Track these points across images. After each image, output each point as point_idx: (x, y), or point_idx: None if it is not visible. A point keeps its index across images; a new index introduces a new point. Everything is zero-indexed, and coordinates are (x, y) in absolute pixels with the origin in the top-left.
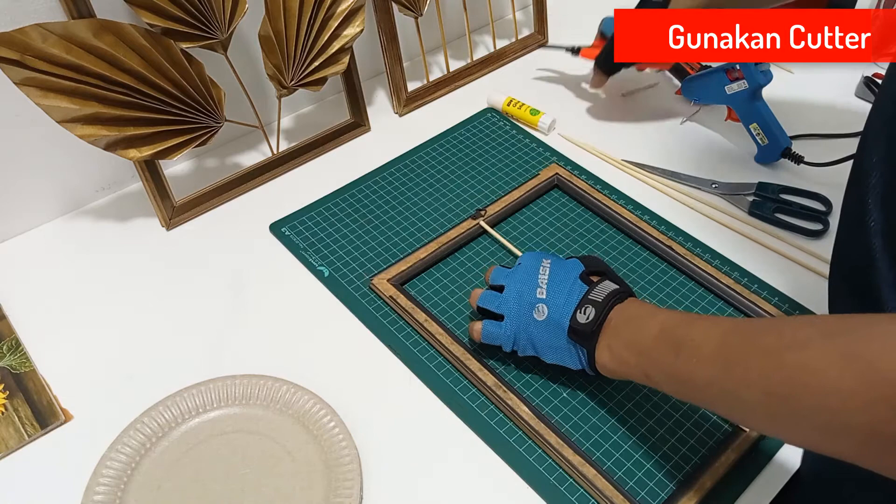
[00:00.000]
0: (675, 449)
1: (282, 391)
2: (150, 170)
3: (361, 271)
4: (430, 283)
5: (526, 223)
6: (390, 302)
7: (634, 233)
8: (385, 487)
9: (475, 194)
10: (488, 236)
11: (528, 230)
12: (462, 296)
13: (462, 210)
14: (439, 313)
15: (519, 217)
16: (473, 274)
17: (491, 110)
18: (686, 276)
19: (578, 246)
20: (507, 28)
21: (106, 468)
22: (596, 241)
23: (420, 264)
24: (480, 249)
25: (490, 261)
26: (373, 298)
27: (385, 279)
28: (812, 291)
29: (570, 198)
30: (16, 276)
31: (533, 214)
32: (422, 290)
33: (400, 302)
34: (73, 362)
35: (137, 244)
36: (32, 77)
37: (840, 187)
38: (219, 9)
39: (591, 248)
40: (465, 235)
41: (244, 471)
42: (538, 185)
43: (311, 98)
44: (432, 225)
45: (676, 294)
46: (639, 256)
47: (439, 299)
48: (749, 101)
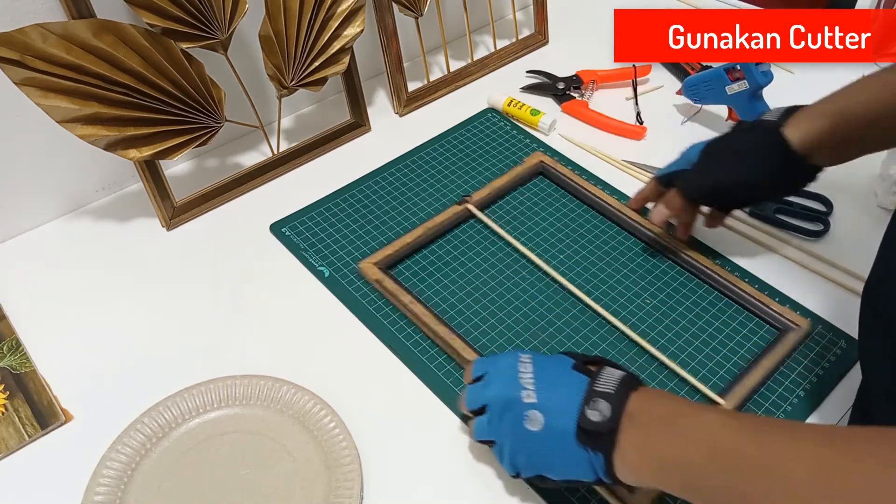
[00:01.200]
0: None
1: (282, 391)
2: (151, 170)
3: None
4: (418, 269)
5: (511, 210)
6: (377, 286)
7: (617, 217)
8: (385, 487)
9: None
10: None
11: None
12: (447, 282)
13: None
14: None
15: (503, 204)
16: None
17: (491, 110)
18: (671, 261)
19: (565, 232)
20: (507, 28)
21: (106, 468)
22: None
23: (406, 248)
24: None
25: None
26: (374, 299)
27: (371, 263)
28: (812, 292)
29: (554, 184)
30: (16, 276)
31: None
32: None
33: (385, 285)
34: (74, 362)
35: (137, 244)
36: (32, 77)
37: (840, 187)
38: (219, 9)
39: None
40: (451, 220)
41: (244, 471)
42: (522, 172)
43: (311, 98)
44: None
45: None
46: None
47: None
48: (750, 102)
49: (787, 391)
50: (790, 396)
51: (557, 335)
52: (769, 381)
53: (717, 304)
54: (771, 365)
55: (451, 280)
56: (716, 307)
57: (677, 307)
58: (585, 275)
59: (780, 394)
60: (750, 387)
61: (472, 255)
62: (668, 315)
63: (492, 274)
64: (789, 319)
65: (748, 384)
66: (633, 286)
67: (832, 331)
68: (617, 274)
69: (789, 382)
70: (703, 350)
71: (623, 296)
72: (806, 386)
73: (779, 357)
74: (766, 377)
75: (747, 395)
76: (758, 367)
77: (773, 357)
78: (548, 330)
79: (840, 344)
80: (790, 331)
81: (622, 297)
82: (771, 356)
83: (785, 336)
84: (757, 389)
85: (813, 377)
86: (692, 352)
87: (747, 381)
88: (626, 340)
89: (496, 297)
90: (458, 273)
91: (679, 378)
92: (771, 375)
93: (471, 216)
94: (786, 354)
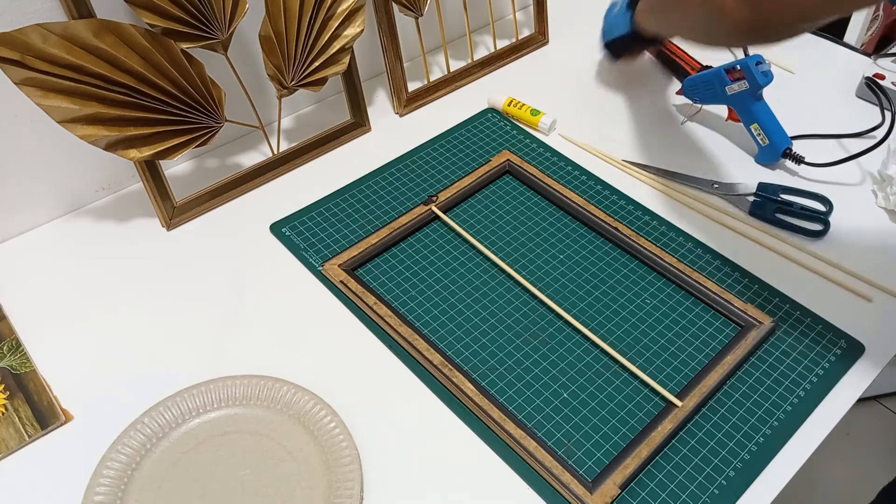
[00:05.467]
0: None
1: (282, 392)
2: (151, 170)
3: (361, 271)
4: (383, 270)
5: (478, 208)
6: (341, 287)
7: (583, 216)
8: (385, 487)
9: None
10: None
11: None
12: (415, 281)
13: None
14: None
15: (471, 202)
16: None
17: (491, 110)
18: (630, 255)
19: (531, 232)
20: (507, 28)
21: (106, 468)
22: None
23: (371, 250)
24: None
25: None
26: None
27: (336, 264)
28: (812, 292)
29: (522, 183)
30: (16, 276)
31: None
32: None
33: (350, 286)
34: (74, 362)
35: (137, 244)
36: (33, 77)
37: (841, 188)
38: (219, 9)
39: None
40: (416, 221)
41: (244, 471)
42: (490, 171)
43: (311, 98)
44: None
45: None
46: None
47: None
48: (749, 102)
49: (787, 391)
50: (790, 396)
51: (523, 334)
52: (769, 381)
53: (685, 302)
54: (734, 361)
55: (419, 280)
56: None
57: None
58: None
59: (780, 394)
60: (710, 385)
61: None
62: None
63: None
64: (752, 316)
65: (709, 383)
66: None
67: (832, 331)
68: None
69: (789, 382)
70: (669, 348)
71: (591, 294)
72: (806, 386)
73: (741, 354)
74: (729, 375)
75: (708, 393)
76: (720, 364)
77: (735, 354)
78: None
79: (840, 344)
80: (753, 328)
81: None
82: (734, 353)
83: (747, 333)
84: (719, 388)
85: (813, 377)
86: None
87: (708, 379)
88: (589, 341)
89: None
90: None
91: (639, 380)
92: (734, 373)
93: (437, 216)
94: (749, 352)
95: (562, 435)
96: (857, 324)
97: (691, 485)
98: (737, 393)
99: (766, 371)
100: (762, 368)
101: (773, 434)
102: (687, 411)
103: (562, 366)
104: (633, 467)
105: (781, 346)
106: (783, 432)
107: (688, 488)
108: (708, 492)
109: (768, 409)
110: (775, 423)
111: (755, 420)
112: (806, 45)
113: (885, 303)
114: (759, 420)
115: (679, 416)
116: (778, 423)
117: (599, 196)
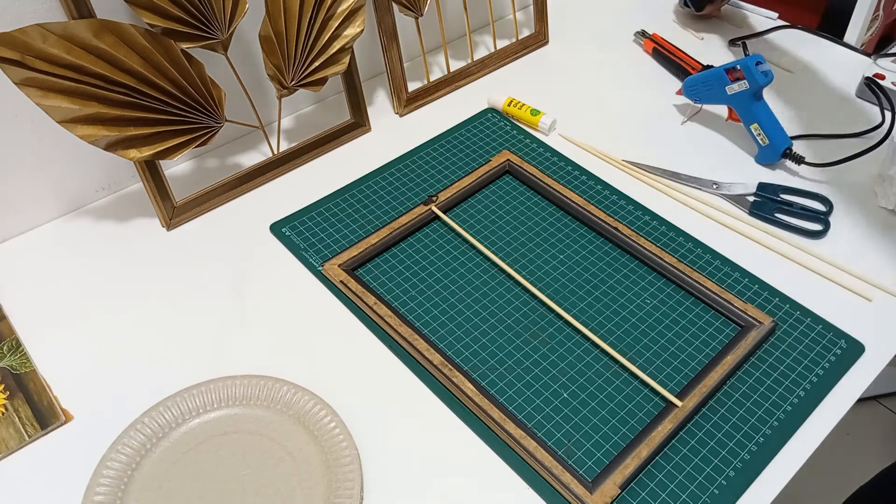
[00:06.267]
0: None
1: (282, 392)
2: (151, 170)
3: (362, 271)
4: (384, 269)
5: (478, 208)
6: (341, 287)
7: (583, 216)
8: (385, 487)
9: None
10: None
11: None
12: (415, 281)
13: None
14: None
15: (471, 202)
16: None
17: (491, 110)
18: (630, 255)
19: (531, 232)
20: (507, 28)
21: (106, 468)
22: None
23: (371, 250)
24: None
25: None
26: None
27: (336, 264)
28: (812, 292)
29: (522, 183)
30: (16, 276)
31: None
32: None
33: (350, 286)
34: (74, 362)
35: (137, 244)
36: (33, 77)
37: (840, 187)
38: (219, 9)
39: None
40: (416, 221)
41: (244, 471)
42: (490, 171)
43: (311, 98)
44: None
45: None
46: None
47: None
48: (749, 102)
49: (787, 391)
50: (790, 396)
51: (523, 334)
52: (769, 381)
53: (685, 302)
54: (734, 361)
55: (419, 280)
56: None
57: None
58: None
59: (780, 394)
60: (711, 385)
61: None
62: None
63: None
64: (752, 316)
65: (709, 383)
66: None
67: (832, 331)
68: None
69: (789, 382)
70: (669, 348)
71: (591, 294)
72: (806, 386)
73: (741, 354)
74: (729, 375)
75: (708, 393)
76: (720, 364)
77: (735, 354)
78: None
79: (840, 344)
80: (753, 328)
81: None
82: (734, 353)
83: (747, 333)
84: (719, 388)
85: (813, 377)
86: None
87: (708, 379)
88: (589, 341)
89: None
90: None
91: (639, 380)
92: (734, 373)
93: (437, 216)
94: (749, 352)
95: (562, 435)
96: (857, 324)
97: (691, 485)
98: (737, 393)
99: (766, 371)
100: (762, 368)
101: (773, 434)
102: (687, 411)
103: (562, 366)
104: (633, 467)
105: (781, 346)
106: (783, 432)
107: (688, 488)
108: (708, 492)
109: (768, 409)
110: (775, 423)
111: (755, 420)
112: (806, 45)
113: (885, 303)
114: (759, 420)
115: (679, 416)
116: (778, 423)
117: (599, 196)
